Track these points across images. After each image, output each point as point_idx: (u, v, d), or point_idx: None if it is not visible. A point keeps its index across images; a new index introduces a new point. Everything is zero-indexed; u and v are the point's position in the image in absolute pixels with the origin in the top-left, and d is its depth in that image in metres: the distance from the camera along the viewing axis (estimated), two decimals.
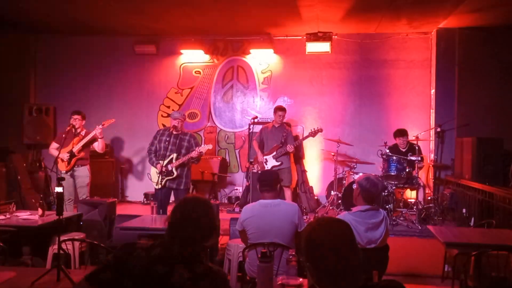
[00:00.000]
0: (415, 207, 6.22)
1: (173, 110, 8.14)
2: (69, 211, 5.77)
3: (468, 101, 7.20)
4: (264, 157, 6.62)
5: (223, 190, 8.21)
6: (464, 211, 6.02)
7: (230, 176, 8.24)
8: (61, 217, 2.91)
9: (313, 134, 6.56)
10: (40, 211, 4.42)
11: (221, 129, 8.39)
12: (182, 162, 5.48)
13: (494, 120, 7.00)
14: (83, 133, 6.09)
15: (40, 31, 8.28)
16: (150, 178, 5.81)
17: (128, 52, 8.36)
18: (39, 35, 8.48)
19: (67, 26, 7.95)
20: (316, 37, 7.31)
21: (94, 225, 5.26)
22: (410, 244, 5.44)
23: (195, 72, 8.45)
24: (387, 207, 6.07)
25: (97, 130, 5.97)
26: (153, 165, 5.61)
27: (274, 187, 3.52)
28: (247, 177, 7.22)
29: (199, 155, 5.53)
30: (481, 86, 7.15)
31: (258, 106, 8.29)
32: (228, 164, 8.28)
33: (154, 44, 8.26)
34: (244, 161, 8.01)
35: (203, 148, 5.54)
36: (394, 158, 6.20)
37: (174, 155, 5.49)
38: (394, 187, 6.28)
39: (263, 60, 8.26)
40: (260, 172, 5.81)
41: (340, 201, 6.56)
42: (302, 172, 7.73)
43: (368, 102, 7.90)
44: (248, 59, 8.31)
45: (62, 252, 3.29)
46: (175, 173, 5.48)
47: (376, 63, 7.87)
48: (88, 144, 6.09)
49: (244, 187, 7.50)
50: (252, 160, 7.08)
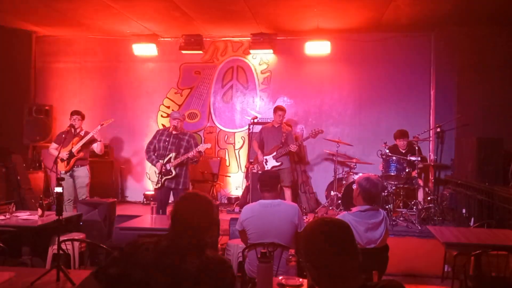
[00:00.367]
0: (415, 208, 6.22)
1: (172, 110, 8.14)
2: (68, 211, 5.78)
3: (468, 101, 7.19)
4: (264, 157, 6.62)
5: (223, 190, 8.21)
6: (464, 211, 6.00)
7: (230, 176, 8.24)
8: (60, 217, 2.90)
9: (313, 135, 6.56)
10: (39, 211, 4.42)
11: (220, 129, 8.39)
12: (180, 161, 5.49)
13: (494, 120, 6.98)
14: (82, 133, 6.10)
15: (40, 31, 8.28)
16: (149, 178, 5.81)
17: (128, 52, 8.35)
18: (39, 35, 8.48)
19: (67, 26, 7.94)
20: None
21: (93, 225, 5.27)
22: (410, 244, 5.43)
23: (195, 72, 8.45)
24: (387, 207, 6.07)
25: (96, 130, 5.98)
26: (152, 163, 5.62)
27: (274, 188, 3.52)
28: (247, 177, 7.22)
29: (198, 154, 5.54)
30: (481, 86, 7.14)
31: (257, 106, 8.29)
32: (228, 164, 8.29)
33: (154, 44, 8.25)
34: (244, 161, 8.01)
35: (202, 147, 5.55)
36: (394, 158, 6.19)
37: (172, 155, 5.50)
38: (394, 187, 6.28)
39: (262, 60, 8.27)
40: (261, 172, 5.81)
41: (340, 201, 6.56)
42: (302, 172, 7.73)
43: (368, 102, 7.89)
44: (248, 59, 8.32)
45: (61, 252, 3.29)
46: (174, 172, 5.50)
47: (376, 63, 7.86)
48: (87, 145, 6.10)
49: (244, 187, 7.50)
50: (252, 160, 7.08)
